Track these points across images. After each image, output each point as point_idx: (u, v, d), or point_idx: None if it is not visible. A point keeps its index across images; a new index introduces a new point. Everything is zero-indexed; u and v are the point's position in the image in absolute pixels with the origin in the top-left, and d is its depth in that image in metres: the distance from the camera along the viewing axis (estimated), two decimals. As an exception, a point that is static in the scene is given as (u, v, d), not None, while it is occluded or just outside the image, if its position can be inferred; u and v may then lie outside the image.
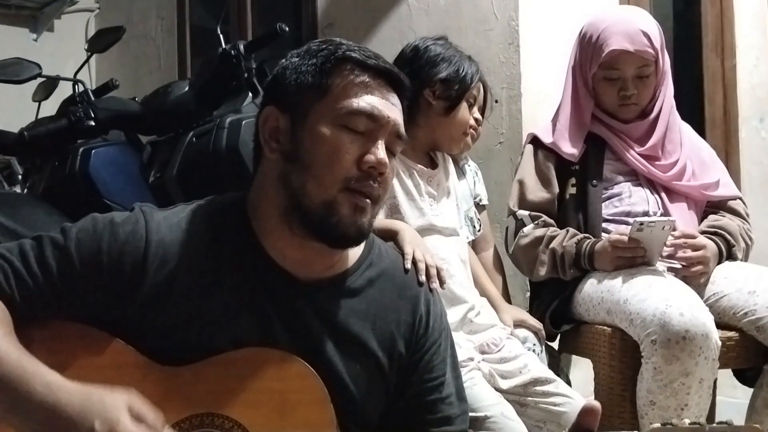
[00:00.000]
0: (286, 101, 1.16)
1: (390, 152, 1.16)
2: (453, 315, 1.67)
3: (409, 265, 1.31)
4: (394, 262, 1.28)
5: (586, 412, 1.01)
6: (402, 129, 1.17)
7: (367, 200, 1.12)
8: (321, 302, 1.17)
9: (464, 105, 1.82)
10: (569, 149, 2.03)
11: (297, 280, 1.16)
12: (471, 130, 2.06)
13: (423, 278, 1.31)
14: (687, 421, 1.00)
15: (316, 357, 1.14)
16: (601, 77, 2.01)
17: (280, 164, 1.15)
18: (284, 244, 1.15)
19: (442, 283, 1.40)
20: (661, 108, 2.04)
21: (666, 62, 2.02)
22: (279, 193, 1.14)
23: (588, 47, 2.01)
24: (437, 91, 1.79)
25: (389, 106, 1.15)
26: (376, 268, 1.23)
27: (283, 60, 1.20)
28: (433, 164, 1.84)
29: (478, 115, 1.93)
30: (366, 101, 1.13)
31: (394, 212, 1.69)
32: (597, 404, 1.01)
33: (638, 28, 1.95)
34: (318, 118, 1.13)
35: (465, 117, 1.83)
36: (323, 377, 1.12)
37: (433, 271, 1.36)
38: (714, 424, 1.00)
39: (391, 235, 1.49)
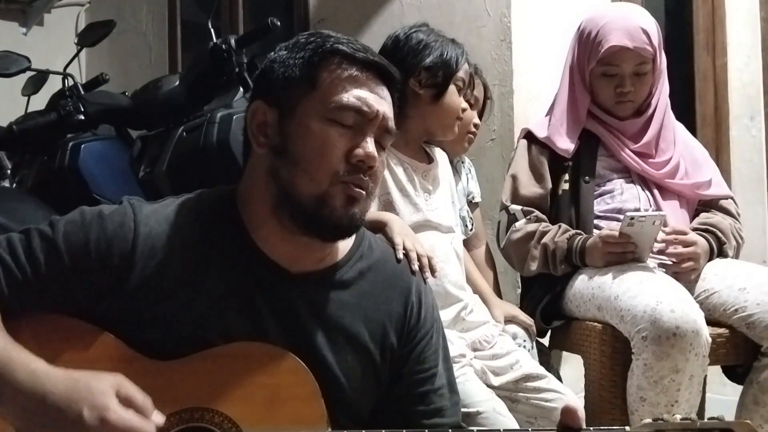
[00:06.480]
0: (273, 95, 1.15)
1: (379, 145, 1.15)
2: (446, 314, 1.67)
3: (401, 255, 1.31)
4: (384, 254, 1.28)
5: (565, 412, 1.02)
6: (391, 122, 1.17)
7: (360, 191, 1.12)
8: (312, 295, 1.17)
9: (453, 90, 1.76)
10: (563, 145, 2.03)
11: (287, 273, 1.15)
12: (470, 135, 2.05)
13: (416, 267, 1.30)
14: (678, 416, 1.00)
15: (306, 350, 1.13)
16: (599, 73, 2.01)
17: (268, 158, 1.14)
18: (275, 238, 1.15)
19: (433, 272, 1.39)
20: (656, 106, 2.04)
21: (663, 61, 2.03)
22: (268, 187, 1.14)
23: (586, 43, 2.01)
24: (423, 79, 1.74)
25: (378, 100, 1.14)
26: (366, 260, 1.23)
27: (272, 53, 1.19)
28: (429, 159, 1.81)
29: (466, 105, 1.90)
30: (355, 95, 1.12)
31: (388, 208, 1.66)
32: (573, 404, 1.02)
33: (638, 25, 1.95)
34: (306, 113, 1.12)
35: (455, 102, 1.78)
36: (314, 371, 1.11)
37: (425, 261, 1.35)
38: (705, 420, 1.00)
39: (379, 227, 1.47)
